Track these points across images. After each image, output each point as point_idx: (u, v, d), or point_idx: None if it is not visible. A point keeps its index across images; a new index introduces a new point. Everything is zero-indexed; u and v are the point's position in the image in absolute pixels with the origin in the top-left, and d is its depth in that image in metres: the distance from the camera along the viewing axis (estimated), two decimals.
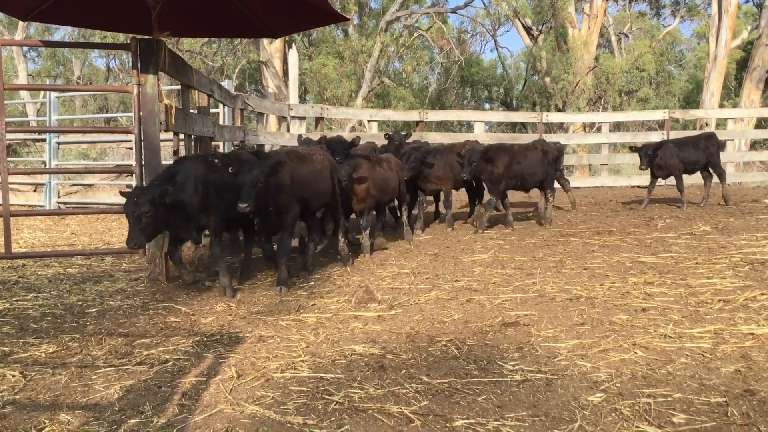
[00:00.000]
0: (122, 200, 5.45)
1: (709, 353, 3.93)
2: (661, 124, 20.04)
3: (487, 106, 39.96)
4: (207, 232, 6.23)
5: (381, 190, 7.67)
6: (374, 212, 7.84)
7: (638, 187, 16.45)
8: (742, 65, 30.43)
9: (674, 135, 17.26)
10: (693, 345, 4.08)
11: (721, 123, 21.52)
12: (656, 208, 11.22)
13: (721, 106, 26.09)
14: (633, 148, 11.40)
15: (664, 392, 3.38)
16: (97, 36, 24.96)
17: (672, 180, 11.63)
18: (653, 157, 10.89)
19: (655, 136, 17.66)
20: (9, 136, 12.99)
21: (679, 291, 5.39)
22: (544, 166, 9.33)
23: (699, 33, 39.48)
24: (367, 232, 7.59)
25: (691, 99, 35.32)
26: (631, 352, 3.99)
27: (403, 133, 10.58)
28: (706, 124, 21.13)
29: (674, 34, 39.42)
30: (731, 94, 33.26)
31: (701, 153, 11.30)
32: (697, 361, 3.81)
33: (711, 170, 11.58)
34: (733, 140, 18.16)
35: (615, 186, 16.65)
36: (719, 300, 5.07)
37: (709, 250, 7.07)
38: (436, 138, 17.49)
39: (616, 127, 19.61)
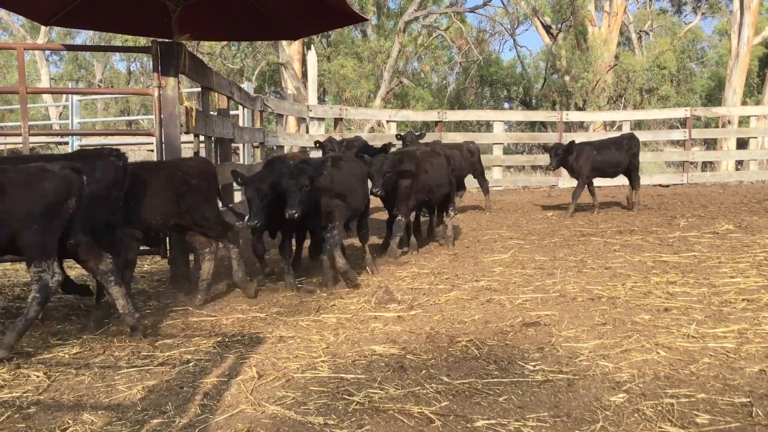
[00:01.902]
0: None
1: (732, 353, 3.89)
2: (682, 122, 19.84)
3: (506, 105, 39.80)
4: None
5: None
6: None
7: (660, 185, 16.33)
8: (765, 62, 30.11)
9: (696, 133, 17.13)
10: (716, 345, 4.04)
11: (744, 120, 21.29)
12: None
13: (744, 103, 25.78)
14: (545, 148, 10.72)
15: (687, 392, 3.34)
16: (118, 39, 25.19)
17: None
18: (563, 158, 10.24)
19: (677, 134, 17.54)
20: (32, 139, 13.15)
21: (702, 290, 5.34)
22: (449, 175, 7.87)
23: (720, 30, 39.04)
24: (121, 301, 4.53)
25: (713, 96, 34.93)
26: (653, 352, 3.96)
27: (417, 133, 10.55)
28: (729, 122, 20.92)
29: (695, 31, 39.03)
30: (754, 91, 32.89)
31: (624, 155, 10.69)
32: (721, 361, 3.77)
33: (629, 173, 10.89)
34: (756, 138, 17.96)
35: None
36: (743, 299, 5.02)
37: (733, 249, 6.99)
38: (455, 138, 17.48)
39: (638, 125, 19.45)
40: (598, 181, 16.97)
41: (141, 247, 5.59)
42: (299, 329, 4.71)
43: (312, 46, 22.77)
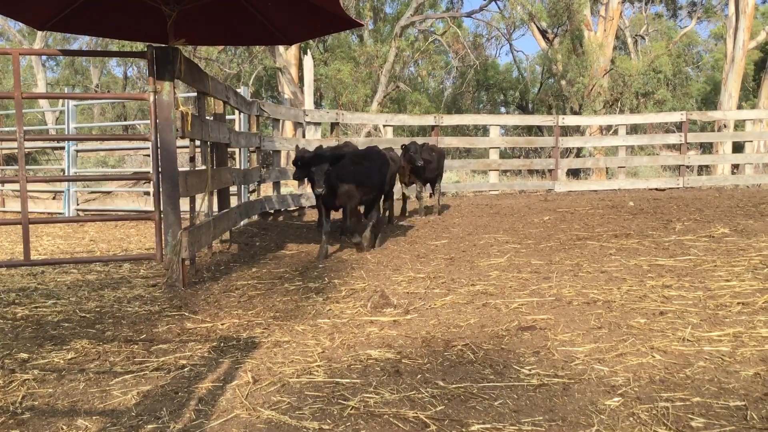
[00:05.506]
0: (139, 207, 5.46)
1: (728, 356, 3.89)
2: (678, 126, 19.89)
3: (502, 109, 39.96)
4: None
5: None
6: None
7: (656, 189, 16.36)
8: (761, 66, 30.21)
9: (692, 137, 17.16)
10: (712, 348, 4.04)
11: (740, 124, 21.36)
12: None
13: (740, 107, 25.87)
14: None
15: (682, 396, 3.35)
16: (115, 45, 25.22)
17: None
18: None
19: (673, 138, 17.59)
20: (28, 144, 13.11)
21: (698, 294, 5.35)
22: None
23: (716, 34, 39.21)
24: None
25: (709, 100, 35.08)
26: (649, 355, 3.96)
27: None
28: (725, 126, 20.98)
29: (691, 36, 39.19)
30: (750, 95, 33.01)
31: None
32: (716, 365, 3.77)
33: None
34: (751, 141, 18.02)
35: (632, 189, 16.56)
36: (738, 303, 5.02)
37: (728, 253, 7.00)
38: (451, 142, 17.53)
39: (633, 129, 19.51)
40: (615, 185, 17.00)
41: (135, 252, 5.60)
42: (295, 334, 4.71)
43: (308, 50, 22.79)
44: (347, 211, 7.77)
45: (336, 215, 8.56)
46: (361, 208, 8.49)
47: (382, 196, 8.81)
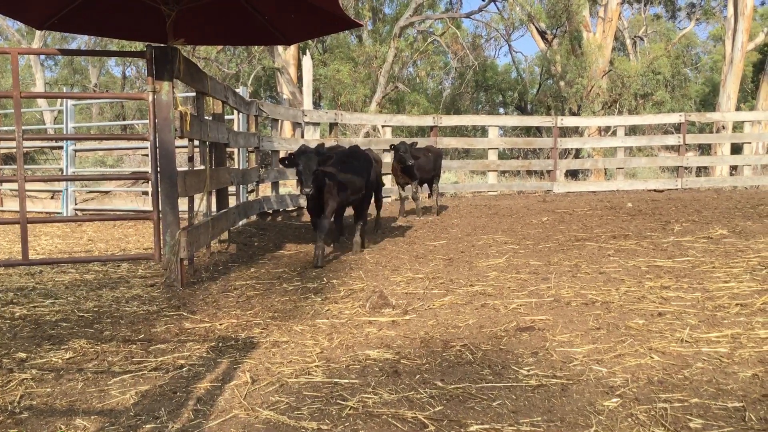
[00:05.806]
0: (138, 207, 5.46)
1: (726, 358, 3.90)
2: (677, 128, 19.91)
3: (501, 110, 39.98)
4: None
5: None
6: None
7: (655, 190, 16.38)
8: (759, 67, 30.24)
9: (690, 138, 17.18)
10: (710, 349, 4.05)
11: (738, 126, 21.38)
12: None
13: (738, 108, 25.91)
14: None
15: (680, 397, 3.35)
16: (114, 44, 25.20)
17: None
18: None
19: (672, 140, 17.61)
20: (26, 143, 13.09)
21: (696, 295, 5.35)
22: None
23: (715, 35, 39.26)
24: None
25: (708, 102, 35.11)
26: (647, 356, 3.96)
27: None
28: (723, 127, 21.01)
29: (690, 37, 39.24)
30: (748, 96, 33.04)
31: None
32: (714, 366, 3.77)
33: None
34: (750, 143, 18.05)
35: (631, 190, 16.57)
36: (737, 304, 5.03)
37: (727, 254, 7.01)
38: (450, 143, 17.53)
39: (632, 130, 19.53)
40: (614, 186, 17.02)
41: (133, 252, 5.60)
42: (293, 334, 4.70)
43: (307, 51, 22.80)
44: (326, 209, 7.64)
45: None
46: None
47: (370, 197, 8.76)
